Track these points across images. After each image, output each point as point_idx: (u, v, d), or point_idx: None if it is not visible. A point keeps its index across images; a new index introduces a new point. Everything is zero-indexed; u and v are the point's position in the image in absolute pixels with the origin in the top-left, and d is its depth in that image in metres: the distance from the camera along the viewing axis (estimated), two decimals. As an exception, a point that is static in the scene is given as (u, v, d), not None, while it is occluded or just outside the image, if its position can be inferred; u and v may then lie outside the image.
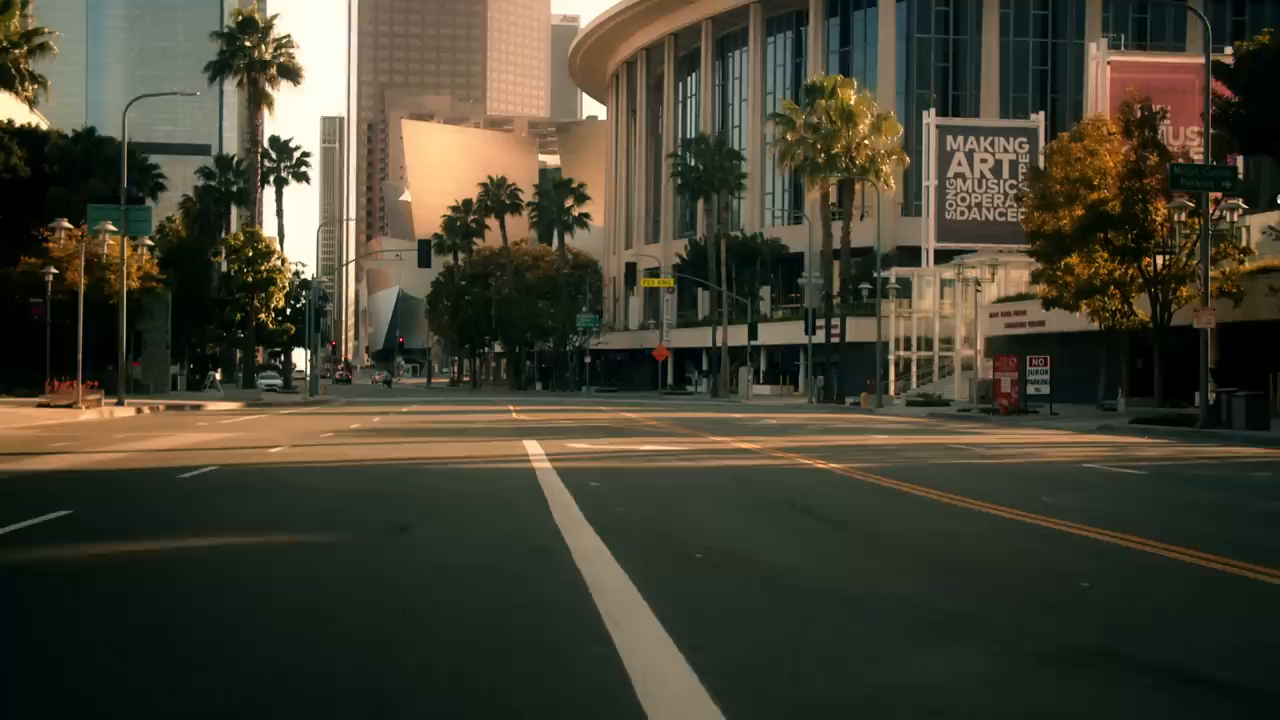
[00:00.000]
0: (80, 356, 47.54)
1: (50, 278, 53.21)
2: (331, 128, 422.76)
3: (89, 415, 42.27)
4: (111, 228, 47.96)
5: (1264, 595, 9.64)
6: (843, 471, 20.44)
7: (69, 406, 44.46)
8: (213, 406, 55.16)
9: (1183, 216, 45.80)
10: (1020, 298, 71.22)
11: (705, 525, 13.42)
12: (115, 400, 48.60)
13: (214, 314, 75.52)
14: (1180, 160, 48.66)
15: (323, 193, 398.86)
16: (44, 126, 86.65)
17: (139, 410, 47.19)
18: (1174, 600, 9.36)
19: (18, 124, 73.16)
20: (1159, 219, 49.28)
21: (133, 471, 20.32)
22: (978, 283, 59.79)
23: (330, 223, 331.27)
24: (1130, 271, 51.40)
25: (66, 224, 48.98)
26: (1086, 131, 52.17)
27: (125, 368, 53.01)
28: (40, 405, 45.12)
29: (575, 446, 26.42)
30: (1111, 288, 51.45)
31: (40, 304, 55.04)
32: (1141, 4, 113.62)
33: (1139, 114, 50.89)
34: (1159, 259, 50.84)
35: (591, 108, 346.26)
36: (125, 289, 51.32)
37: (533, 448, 25.37)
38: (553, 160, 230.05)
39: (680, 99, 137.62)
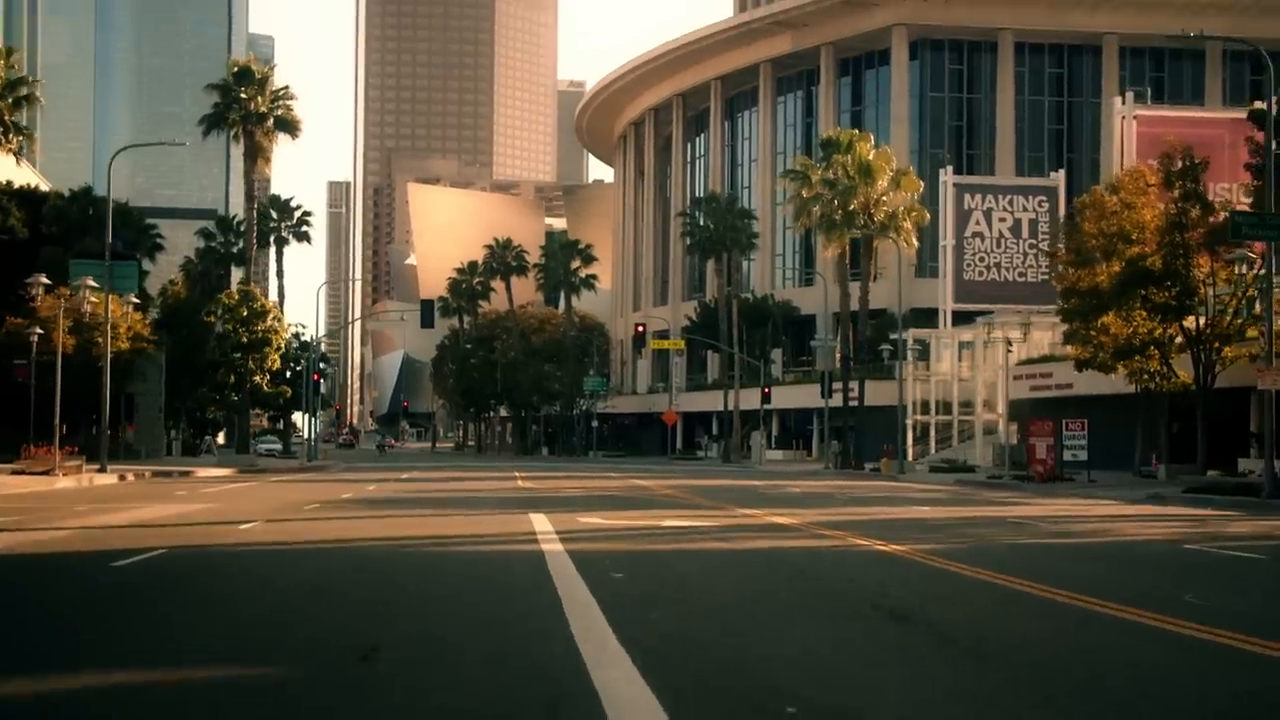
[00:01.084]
0: (57, 420, 44.84)
1: (35, 338, 50.75)
2: (338, 192, 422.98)
3: (65, 483, 39.56)
4: (92, 283, 45.32)
5: None
6: (908, 555, 17.47)
7: (45, 474, 41.71)
8: (203, 473, 52.46)
9: (1228, 271, 43.17)
10: (1046, 359, 68.57)
11: (776, 647, 10.08)
12: (98, 466, 45.85)
13: (207, 376, 72.94)
14: (1223, 214, 46.04)
15: (329, 257, 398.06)
16: (44, 187, 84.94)
17: (122, 477, 44.49)
18: None
19: (17, 185, 71.44)
20: (1201, 275, 46.65)
21: (61, 556, 17.32)
22: (1009, 342, 57.17)
23: (333, 282, 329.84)
24: (1171, 331, 48.68)
25: (45, 279, 46.48)
26: (1123, 184, 49.67)
27: (107, 432, 50.28)
28: (14, 472, 42.35)
29: (588, 521, 23.52)
30: (1151, 348, 48.72)
31: (24, 365, 52.54)
32: (1159, 63, 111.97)
33: (1180, 165, 48.32)
34: (1201, 318, 48.14)
35: (598, 172, 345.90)
36: (109, 348, 48.70)
37: (540, 523, 22.48)
38: (559, 223, 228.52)
39: (689, 159, 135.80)
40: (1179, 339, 49.21)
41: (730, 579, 14.99)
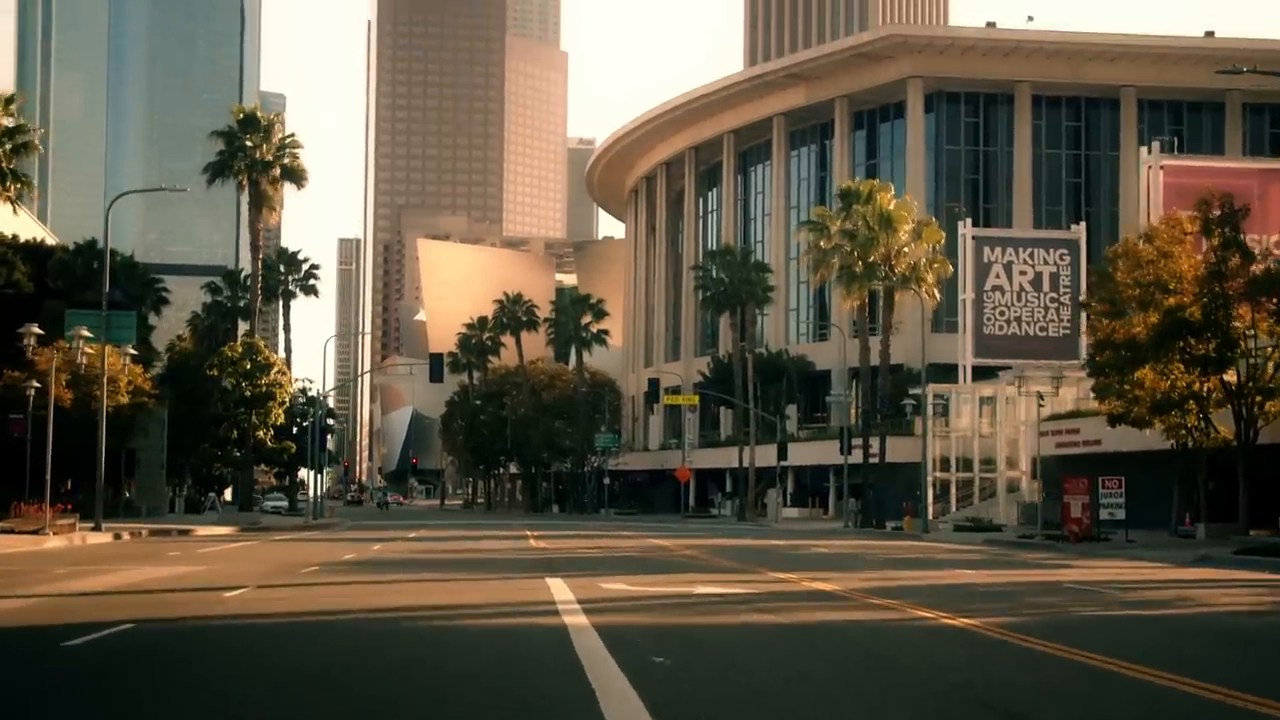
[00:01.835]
0: (48, 477, 42.99)
1: (32, 391, 48.98)
2: (348, 249, 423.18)
3: (55, 543, 37.71)
4: (86, 333, 43.56)
5: None
6: (983, 630, 15.37)
7: (34, 533, 39.80)
8: (203, 531, 50.57)
9: (1270, 323, 41.32)
10: (1073, 415, 66.62)
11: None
12: (92, 525, 43.96)
13: (210, 432, 71.13)
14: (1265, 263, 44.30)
15: (339, 314, 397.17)
16: (50, 241, 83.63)
17: (117, 536, 42.67)
18: None
19: (23, 239, 70.12)
20: (1242, 326, 44.77)
21: (12, 632, 15.31)
22: (1040, 397, 55.23)
23: (342, 336, 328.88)
24: (1210, 384, 46.75)
25: (37, 329, 44.77)
26: (1158, 232, 47.90)
27: (106, 488, 48.41)
28: (3, 531, 40.46)
29: (612, 588, 21.47)
30: (1190, 402, 46.76)
31: (20, 420, 50.76)
32: (1177, 116, 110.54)
33: (1219, 211, 46.54)
34: (1241, 370, 46.21)
35: (607, 229, 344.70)
36: (105, 401, 46.92)
37: (560, 590, 20.44)
38: (569, 279, 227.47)
39: (701, 214, 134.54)
40: (1217, 393, 47.26)
41: (793, 663, 12.81)
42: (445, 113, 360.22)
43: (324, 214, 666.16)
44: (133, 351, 50.36)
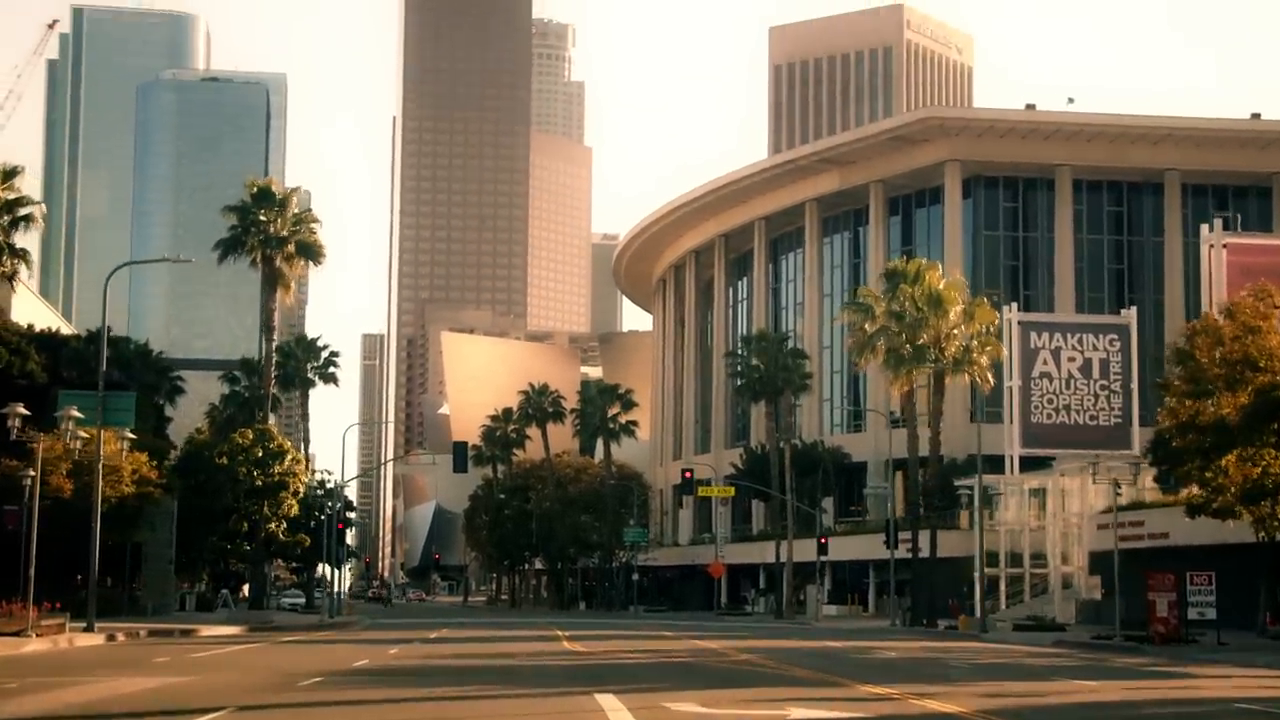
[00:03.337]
0: (31, 573, 39.45)
1: (28, 481, 45.57)
2: (372, 345, 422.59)
3: (36, 646, 34.16)
4: (77, 414, 40.16)
5: None
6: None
7: (16, 634, 36.17)
8: (208, 631, 46.92)
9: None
10: (1135, 506, 62.63)
11: None
12: (84, 624, 40.31)
13: (218, 524, 67.60)
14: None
15: (361, 409, 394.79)
16: (66, 331, 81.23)
17: (111, 638, 39.09)
18: None
19: (39, 328, 67.97)
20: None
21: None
22: (1118, 485, 51.37)
23: (365, 424, 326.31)
24: (1307, 471, 42.91)
25: (22, 409, 41.46)
26: (1240, 307, 44.32)
27: (106, 584, 44.87)
28: (-16, 633, 36.84)
29: (684, 710, 17.33)
30: (1285, 489, 42.89)
31: (14, 511, 47.41)
32: (1222, 200, 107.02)
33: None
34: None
35: (632, 322, 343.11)
36: (99, 487, 43.48)
37: (619, 716, 16.30)
38: (594, 372, 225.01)
39: (730, 302, 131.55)
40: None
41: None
42: (469, 207, 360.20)
43: (347, 310, 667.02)
44: (131, 436, 46.85)
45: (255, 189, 68.20)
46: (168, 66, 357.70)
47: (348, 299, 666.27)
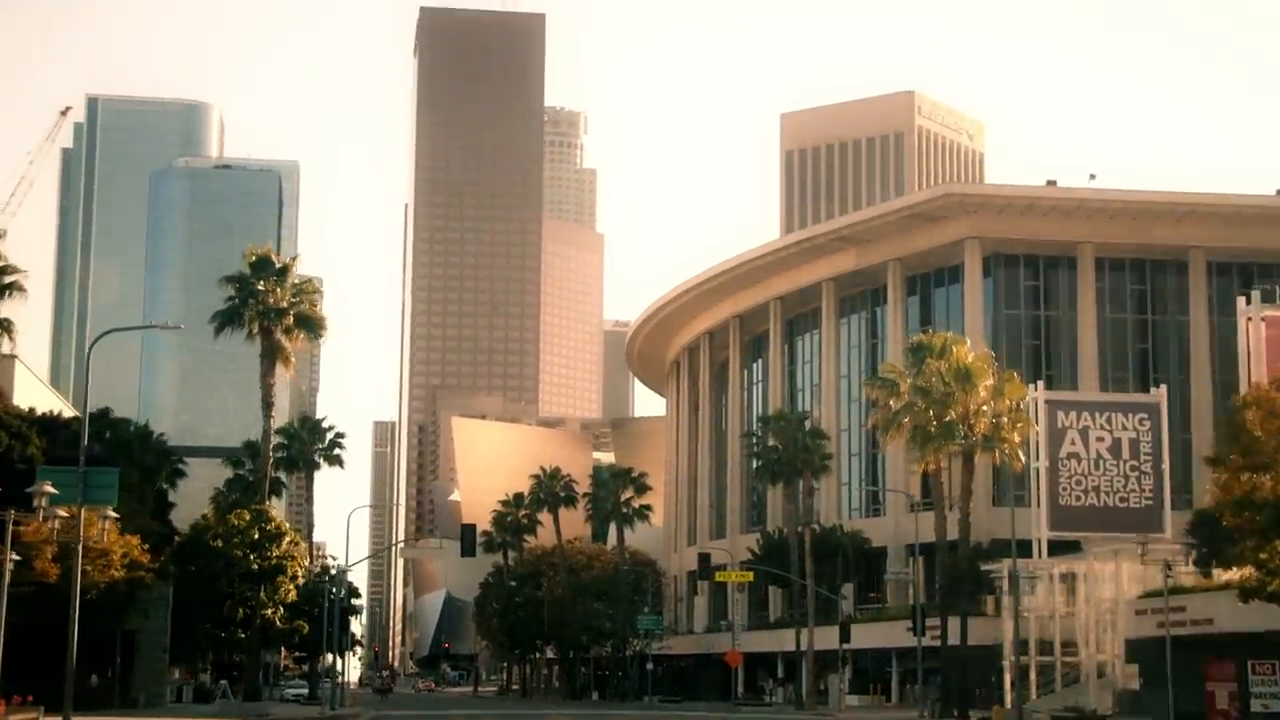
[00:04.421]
0: None
1: (10, 565, 43.14)
2: (383, 432, 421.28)
3: (4, 741, 31.54)
4: (50, 489, 37.75)
5: None
6: None
7: (-15, 728, 33.69)
8: (197, 725, 44.24)
9: None
10: (1177, 591, 59.88)
11: None
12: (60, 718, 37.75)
13: (213, 610, 64.95)
14: None
15: (373, 496, 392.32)
16: (67, 414, 79.35)
17: (91, 732, 36.39)
18: None
19: (40, 412, 66.27)
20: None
21: None
22: (1169, 565, 48.79)
23: (374, 507, 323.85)
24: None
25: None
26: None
27: (91, 675, 42.26)
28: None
29: None
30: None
31: (-10, 598, 44.80)
32: (1247, 279, 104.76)
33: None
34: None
35: (644, 408, 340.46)
36: (79, 565, 41.03)
37: None
38: (606, 458, 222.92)
39: (745, 385, 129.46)
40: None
41: None
42: (481, 293, 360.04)
43: (359, 397, 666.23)
44: (113, 514, 44.42)
45: (254, 258, 66.30)
46: (181, 154, 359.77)
47: (359, 385, 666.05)
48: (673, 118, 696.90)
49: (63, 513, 39.24)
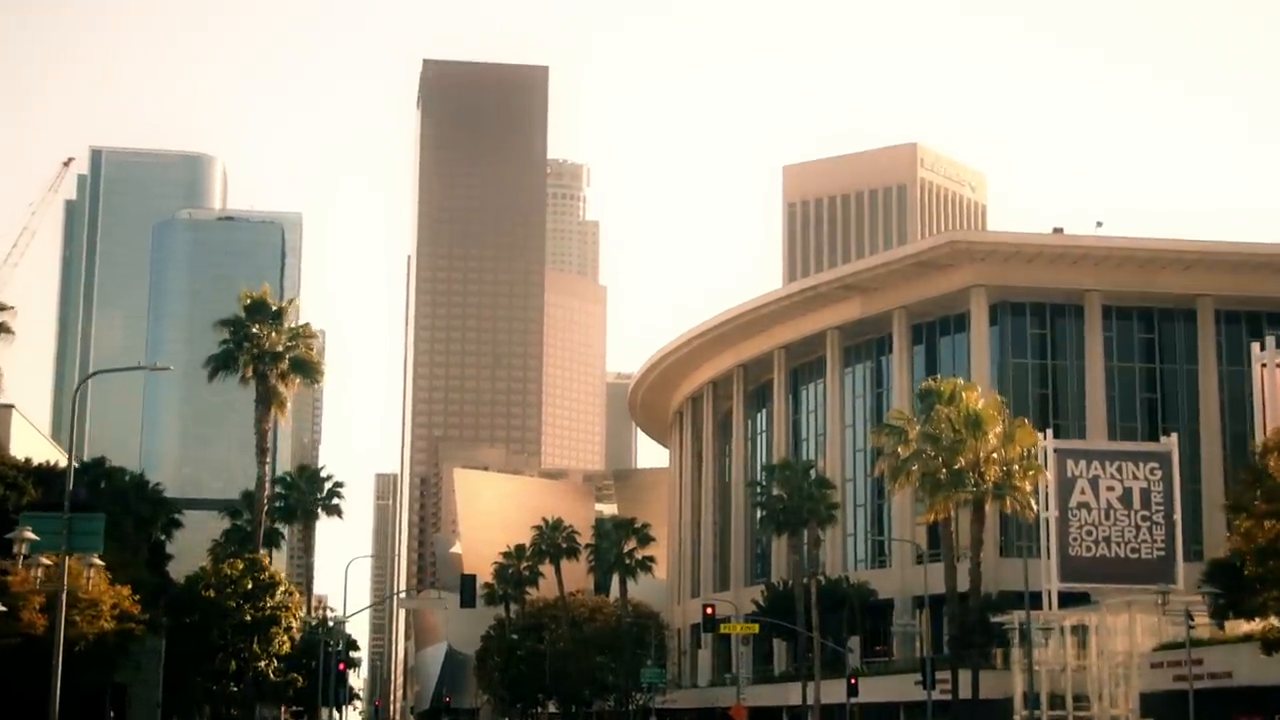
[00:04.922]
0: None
1: (-4, 616, 41.93)
2: (385, 485, 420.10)
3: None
4: (30, 534, 36.55)
5: None
6: None
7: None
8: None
9: None
10: (1194, 644, 58.55)
11: None
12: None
13: (204, 663, 63.51)
14: None
15: (374, 549, 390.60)
16: (63, 463, 78.28)
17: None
18: None
19: (36, 463, 65.30)
20: None
21: None
22: (1190, 616, 47.56)
23: (374, 557, 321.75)
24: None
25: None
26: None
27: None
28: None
29: None
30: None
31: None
32: (1256, 327, 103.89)
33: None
34: None
35: (647, 459, 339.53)
36: (63, 613, 39.76)
37: None
38: (609, 509, 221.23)
39: (749, 435, 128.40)
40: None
41: None
42: (484, 345, 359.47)
43: (361, 449, 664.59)
44: (99, 562, 43.15)
45: (249, 300, 65.33)
46: (184, 206, 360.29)
47: (362, 437, 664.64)
48: (675, 170, 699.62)
49: (46, 560, 37.94)
